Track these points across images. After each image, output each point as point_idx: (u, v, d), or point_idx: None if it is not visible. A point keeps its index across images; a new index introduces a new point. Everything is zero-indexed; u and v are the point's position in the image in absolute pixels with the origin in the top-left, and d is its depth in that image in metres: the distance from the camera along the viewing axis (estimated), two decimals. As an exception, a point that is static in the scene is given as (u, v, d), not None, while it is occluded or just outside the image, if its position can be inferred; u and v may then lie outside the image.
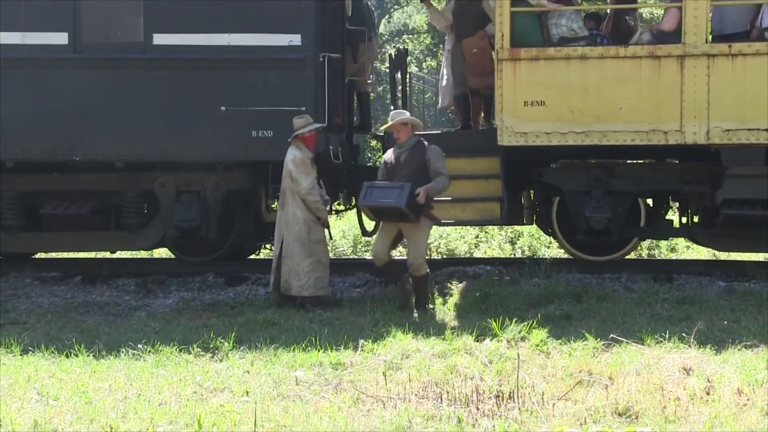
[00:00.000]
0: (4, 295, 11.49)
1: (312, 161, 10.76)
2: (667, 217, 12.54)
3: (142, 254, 14.70)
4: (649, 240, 14.69)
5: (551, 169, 12.05)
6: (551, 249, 15.04)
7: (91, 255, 14.34)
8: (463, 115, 12.90)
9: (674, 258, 14.88)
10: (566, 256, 13.13)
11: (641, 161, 12.43)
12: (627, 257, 12.85)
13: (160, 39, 11.76)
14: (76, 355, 8.45)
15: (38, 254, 13.90)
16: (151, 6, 11.77)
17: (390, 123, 10.43)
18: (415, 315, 10.02)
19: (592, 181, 11.64)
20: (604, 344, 8.37)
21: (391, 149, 10.57)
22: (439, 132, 12.87)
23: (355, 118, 13.59)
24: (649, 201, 12.27)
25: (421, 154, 10.31)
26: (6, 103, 11.81)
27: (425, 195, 10.05)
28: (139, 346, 8.68)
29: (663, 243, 15.28)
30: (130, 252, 14.35)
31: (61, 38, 11.83)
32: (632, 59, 11.06)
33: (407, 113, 10.73)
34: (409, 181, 10.12)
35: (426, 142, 10.44)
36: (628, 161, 12.31)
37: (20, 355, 8.54)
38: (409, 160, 10.29)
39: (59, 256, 14.17)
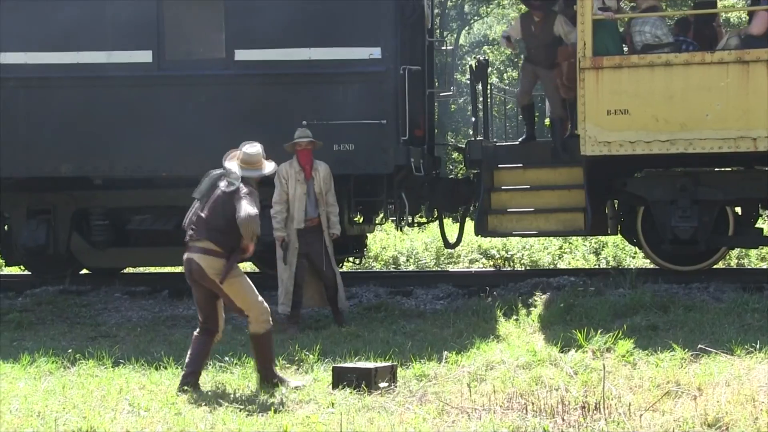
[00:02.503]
0: (94, 309, 11.70)
1: (302, 175, 10.59)
2: (757, 226, 12.30)
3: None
4: (738, 249, 14.42)
5: (635, 179, 11.90)
6: (636, 259, 14.86)
7: (178, 270, 14.53)
8: (529, 125, 12.84)
9: (764, 267, 14.58)
10: (652, 266, 12.95)
11: (729, 169, 12.21)
12: (715, 267, 12.63)
13: (241, 55, 11.87)
14: (165, 368, 8.57)
15: (126, 269, 14.13)
16: (233, 22, 11.89)
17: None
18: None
19: (678, 190, 11.46)
20: (692, 355, 8.23)
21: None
22: (520, 143, 12.81)
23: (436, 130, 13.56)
24: (738, 209, 12.04)
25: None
26: (93, 121, 11.99)
27: None
28: (226, 358, 8.77)
29: (752, 252, 15.00)
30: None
31: (145, 56, 11.98)
32: (719, 65, 10.88)
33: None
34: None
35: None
36: (715, 169, 12.10)
37: (111, 367, 8.68)
38: None
39: (146, 271, 14.39)
